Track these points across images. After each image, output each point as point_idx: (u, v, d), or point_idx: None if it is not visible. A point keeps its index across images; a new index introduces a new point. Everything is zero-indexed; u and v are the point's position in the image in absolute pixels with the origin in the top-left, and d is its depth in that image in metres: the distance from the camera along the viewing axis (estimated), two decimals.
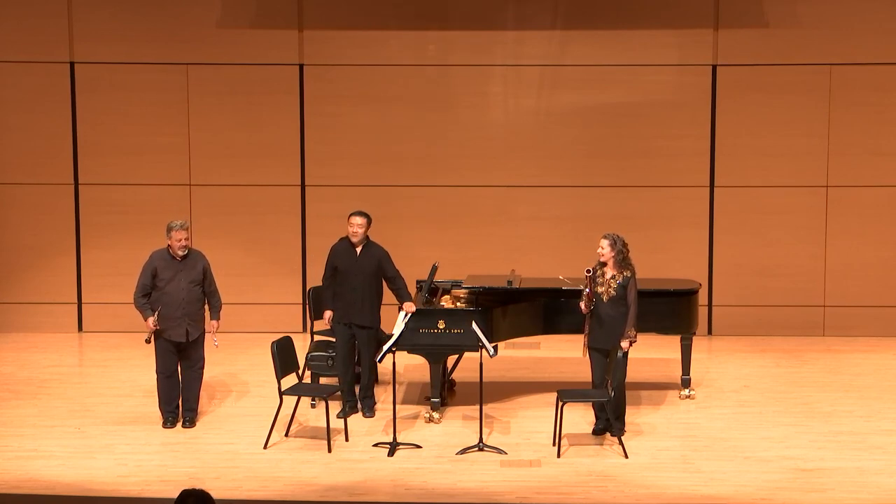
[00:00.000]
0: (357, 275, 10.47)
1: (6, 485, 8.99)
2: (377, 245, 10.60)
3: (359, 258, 10.49)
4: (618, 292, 9.95)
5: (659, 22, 13.13)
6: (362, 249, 10.52)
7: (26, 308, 13.60)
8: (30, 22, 13.26)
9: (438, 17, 13.31)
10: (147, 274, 10.21)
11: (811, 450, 9.76)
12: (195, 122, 13.41)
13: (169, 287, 10.14)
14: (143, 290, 10.19)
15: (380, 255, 10.53)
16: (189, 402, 10.34)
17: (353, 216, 10.55)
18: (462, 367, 11.22)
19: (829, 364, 12.39)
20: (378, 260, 10.50)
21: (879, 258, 13.36)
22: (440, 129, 13.40)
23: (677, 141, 13.29)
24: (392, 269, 10.53)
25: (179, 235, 10.18)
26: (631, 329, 9.95)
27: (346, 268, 10.51)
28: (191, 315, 10.21)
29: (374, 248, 10.56)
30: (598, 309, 9.98)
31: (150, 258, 10.31)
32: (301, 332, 13.24)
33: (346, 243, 10.57)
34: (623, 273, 9.98)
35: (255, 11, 13.27)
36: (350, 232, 10.51)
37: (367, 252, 10.52)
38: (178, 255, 10.20)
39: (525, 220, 13.46)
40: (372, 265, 10.48)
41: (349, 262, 10.52)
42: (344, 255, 10.55)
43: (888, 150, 13.22)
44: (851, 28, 13.07)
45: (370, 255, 10.51)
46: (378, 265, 10.48)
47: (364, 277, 10.48)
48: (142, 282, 10.22)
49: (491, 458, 9.55)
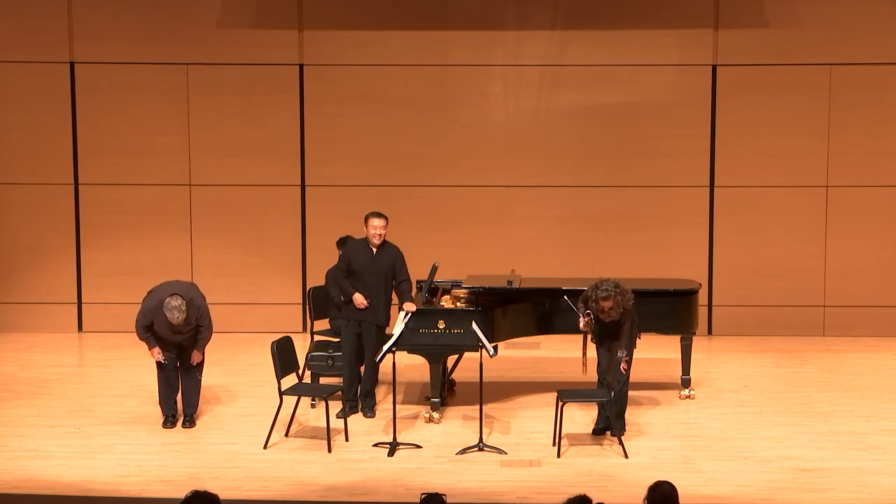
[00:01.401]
0: (373, 275, 10.48)
1: (6, 485, 8.99)
2: (393, 245, 10.59)
3: (375, 258, 10.49)
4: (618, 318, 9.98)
5: (659, 22, 13.13)
6: (378, 250, 10.51)
7: (26, 308, 13.60)
8: (30, 22, 13.26)
9: (438, 17, 13.32)
10: (149, 317, 10.02)
11: (811, 450, 9.76)
12: (195, 122, 13.41)
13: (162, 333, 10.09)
14: (144, 330, 10.10)
15: (395, 257, 10.52)
16: (189, 402, 10.34)
17: (372, 217, 10.48)
18: (462, 367, 11.23)
19: (829, 364, 12.39)
20: (393, 261, 10.50)
21: (879, 258, 13.36)
22: (440, 129, 13.40)
23: (677, 141, 13.29)
24: (405, 273, 10.52)
25: (176, 303, 9.89)
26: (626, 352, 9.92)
27: (362, 268, 10.50)
28: (187, 339, 10.21)
29: (389, 248, 10.56)
30: (598, 322, 10.02)
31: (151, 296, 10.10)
32: (301, 332, 13.24)
33: (364, 244, 10.55)
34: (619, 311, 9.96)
35: (255, 11, 13.27)
36: (371, 234, 10.46)
37: (382, 253, 10.52)
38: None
39: (525, 220, 13.45)
40: (387, 266, 10.49)
41: (365, 262, 10.50)
42: (361, 256, 10.52)
43: (888, 150, 13.22)
44: (851, 28, 13.07)
45: (386, 256, 10.51)
46: (393, 266, 10.49)
47: (378, 278, 10.48)
48: (142, 323, 10.07)
49: (491, 458, 9.55)
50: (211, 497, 6.25)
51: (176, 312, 9.85)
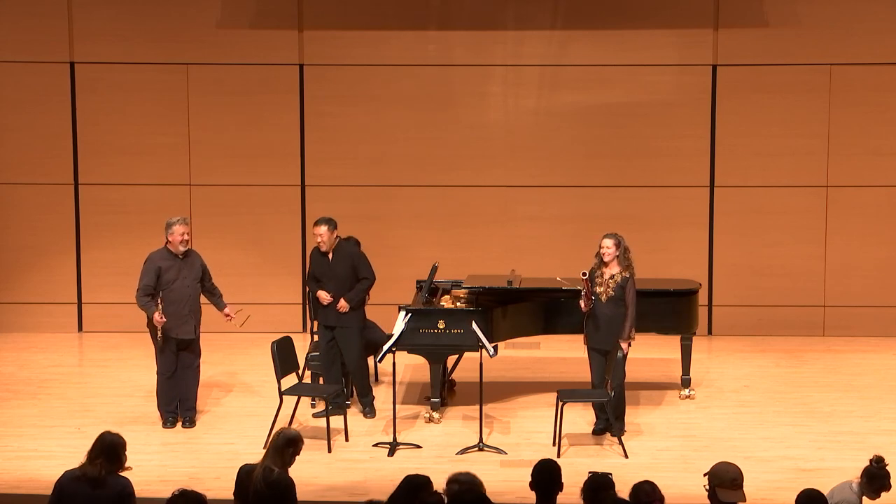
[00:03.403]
0: (330, 279, 10.52)
1: (6, 485, 9.00)
2: (349, 246, 10.63)
3: (331, 264, 10.53)
4: (616, 292, 9.96)
5: (659, 22, 13.13)
6: (334, 255, 10.53)
7: (26, 308, 13.60)
8: (30, 22, 13.26)
9: (438, 17, 13.32)
10: (151, 275, 10.17)
11: (811, 450, 9.77)
12: (195, 122, 13.41)
13: (175, 285, 10.17)
14: (145, 291, 10.17)
15: (352, 258, 10.56)
16: (188, 402, 10.35)
17: (314, 226, 10.57)
18: (462, 367, 11.22)
19: (829, 364, 12.39)
20: (351, 262, 10.54)
21: (879, 258, 13.36)
22: (440, 129, 13.40)
23: (677, 141, 13.29)
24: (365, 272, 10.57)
25: (182, 230, 10.19)
26: (630, 330, 9.96)
27: (321, 274, 10.59)
28: (196, 311, 10.28)
29: (344, 251, 10.57)
30: (596, 309, 9.99)
31: (151, 259, 10.28)
32: (301, 332, 13.24)
33: (317, 251, 10.62)
34: (623, 273, 9.98)
35: (255, 11, 13.27)
36: (316, 242, 10.57)
37: (338, 257, 10.54)
38: (180, 252, 10.20)
39: (525, 220, 13.45)
40: (345, 269, 10.51)
41: (323, 268, 10.58)
42: (317, 263, 10.63)
43: (888, 150, 13.22)
44: (851, 28, 13.07)
45: (341, 258, 10.53)
46: (351, 267, 10.53)
47: (338, 281, 10.51)
48: (144, 282, 10.18)
49: (491, 458, 9.56)
50: (196, 496, 6.29)
51: (180, 221, 10.15)
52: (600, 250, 10.08)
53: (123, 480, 6.87)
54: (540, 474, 6.67)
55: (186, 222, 10.27)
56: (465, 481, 6.66)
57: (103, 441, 6.91)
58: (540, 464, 6.71)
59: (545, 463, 6.72)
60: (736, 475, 6.49)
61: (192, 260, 10.31)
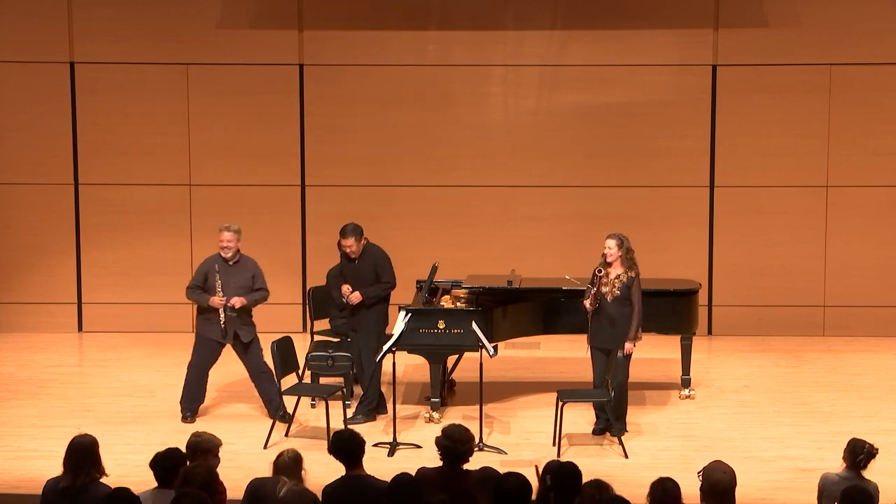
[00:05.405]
0: (356, 281, 10.54)
1: (6, 485, 9.00)
2: (376, 249, 10.63)
3: (357, 267, 10.56)
4: (622, 292, 9.94)
5: (659, 22, 13.13)
6: (360, 259, 10.55)
7: (26, 308, 13.59)
8: (30, 22, 13.26)
9: (438, 17, 13.32)
10: (199, 275, 10.46)
11: (811, 450, 9.77)
12: (195, 122, 13.41)
13: (220, 289, 10.30)
14: (193, 287, 10.47)
15: (375, 262, 10.57)
16: (274, 402, 10.37)
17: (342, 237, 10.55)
18: (462, 367, 11.22)
19: (829, 364, 12.39)
20: (374, 266, 10.57)
21: (879, 258, 13.36)
22: (440, 129, 13.40)
23: (677, 141, 13.29)
24: (387, 276, 10.60)
25: (223, 236, 10.41)
26: (636, 331, 9.94)
27: (347, 275, 10.62)
28: (241, 317, 10.36)
29: (370, 254, 10.59)
30: (601, 309, 9.98)
31: (205, 261, 10.52)
32: (301, 332, 13.24)
33: (345, 260, 10.65)
34: (628, 273, 9.97)
35: (255, 11, 13.27)
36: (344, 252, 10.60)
37: (363, 260, 10.56)
38: (228, 258, 10.35)
39: (525, 220, 13.45)
40: (369, 272, 10.55)
41: (349, 270, 10.62)
42: (345, 266, 10.65)
43: (888, 150, 13.22)
44: (851, 28, 13.07)
45: (367, 262, 10.56)
46: (374, 271, 10.56)
47: (362, 283, 10.53)
48: (193, 281, 10.49)
49: (491, 458, 9.55)
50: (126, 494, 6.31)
51: (225, 228, 10.35)
52: (604, 250, 10.09)
53: (104, 488, 6.85)
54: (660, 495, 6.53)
55: (231, 229, 10.40)
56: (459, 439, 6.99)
57: (75, 448, 6.88)
58: (659, 483, 6.56)
59: (665, 483, 6.56)
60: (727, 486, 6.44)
61: (242, 266, 10.46)
